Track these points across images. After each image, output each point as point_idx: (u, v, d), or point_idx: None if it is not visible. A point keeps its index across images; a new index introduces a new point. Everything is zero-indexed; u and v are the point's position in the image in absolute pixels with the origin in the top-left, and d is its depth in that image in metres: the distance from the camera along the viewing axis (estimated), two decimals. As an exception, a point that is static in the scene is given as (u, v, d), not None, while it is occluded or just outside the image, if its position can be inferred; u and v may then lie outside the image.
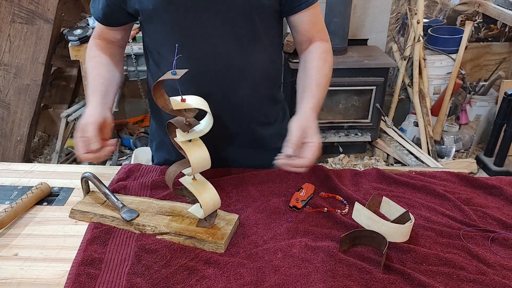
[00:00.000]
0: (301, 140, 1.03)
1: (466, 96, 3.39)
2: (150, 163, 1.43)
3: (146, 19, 1.17)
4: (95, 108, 1.12)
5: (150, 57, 1.26)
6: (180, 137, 0.98)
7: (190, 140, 0.98)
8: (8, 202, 1.14)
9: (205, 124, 1.00)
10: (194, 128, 0.97)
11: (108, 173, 1.27)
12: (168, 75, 0.91)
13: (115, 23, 1.24)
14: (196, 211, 1.06)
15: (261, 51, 1.21)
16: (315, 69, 1.19)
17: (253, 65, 1.21)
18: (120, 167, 1.29)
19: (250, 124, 1.28)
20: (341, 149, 3.21)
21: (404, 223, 1.04)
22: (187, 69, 0.92)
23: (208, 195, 1.02)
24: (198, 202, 1.05)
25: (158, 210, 1.09)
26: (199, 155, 0.98)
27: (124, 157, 2.74)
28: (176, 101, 0.94)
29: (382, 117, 3.19)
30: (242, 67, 1.19)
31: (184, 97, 0.94)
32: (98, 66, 1.24)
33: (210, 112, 0.98)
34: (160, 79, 0.91)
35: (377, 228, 1.02)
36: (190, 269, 0.93)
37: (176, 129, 0.99)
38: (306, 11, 1.19)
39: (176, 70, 0.91)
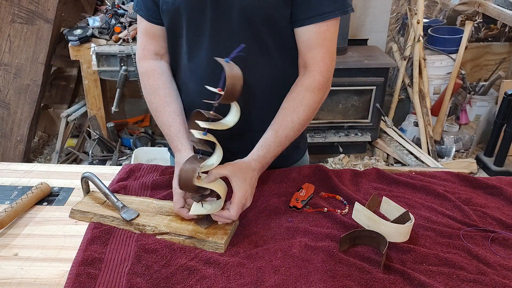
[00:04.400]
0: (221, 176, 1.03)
1: (466, 96, 3.39)
2: (150, 163, 1.42)
3: (164, 15, 1.16)
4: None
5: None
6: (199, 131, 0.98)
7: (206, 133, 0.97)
8: (8, 202, 1.13)
9: (230, 119, 1.00)
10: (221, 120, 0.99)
11: (108, 173, 1.27)
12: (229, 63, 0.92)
13: (156, 17, 1.19)
14: (197, 209, 1.05)
15: (268, 61, 1.16)
16: (282, 112, 1.13)
17: (257, 74, 1.16)
18: (120, 167, 1.29)
19: (245, 133, 1.24)
20: (341, 149, 3.21)
21: (404, 223, 1.04)
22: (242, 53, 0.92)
23: (221, 185, 1.03)
24: (201, 200, 1.05)
25: (158, 210, 1.09)
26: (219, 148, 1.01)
27: (124, 157, 2.74)
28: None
29: (382, 117, 3.19)
30: (245, 75, 1.17)
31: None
32: (168, 100, 1.19)
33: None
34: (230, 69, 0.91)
35: (377, 228, 1.02)
36: (190, 269, 0.93)
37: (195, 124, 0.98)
38: (310, 28, 1.09)
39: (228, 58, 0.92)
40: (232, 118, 1.00)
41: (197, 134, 0.97)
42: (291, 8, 1.09)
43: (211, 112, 0.95)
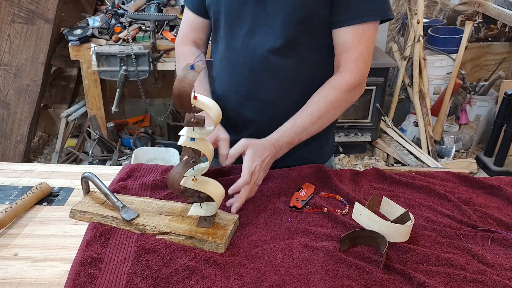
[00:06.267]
0: (240, 152, 1.10)
1: (466, 96, 3.39)
2: (150, 163, 1.43)
3: (208, 5, 1.24)
4: None
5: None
6: (185, 133, 0.97)
7: (193, 139, 0.97)
8: (8, 202, 1.13)
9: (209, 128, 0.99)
10: (206, 127, 0.98)
11: (108, 173, 1.27)
12: (186, 68, 0.92)
13: (204, 11, 1.28)
14: (196, 211, 1.05)
15: (301, 60, 1.20)
16: (305, 105, 1.19)
17: (288, 68, 1.20)
18: (120, 167, 1.29)
19: (273, 124, 1.25)
20: (341, 149, 3.21)
21: (404, 223, 1.04)
22: (204, 66, 0.95)
23: (213, 188, 1.03)
24: (199, 202, 1.05)
25: (158, 210, 1.09)
26: (209, 149, 1.01)
27: (124, 157, 2.73)
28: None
29: (382, 117, 3.19)
30: (275, 68, 1.20)
31: (196, 95, 0.94)
32: (202, 80, 1.28)
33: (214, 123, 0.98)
34: (180, 75, 0.91)
35: (377, 228, 1.02)
36: (190, 269, 0.93)
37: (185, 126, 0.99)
38: (347, 30, 1.12)
39: (194, 64, 0.92)
40: (209, 127, 1.00)
41: (183, 140, 0.98)
42: (329, 9, 1.12)
43: (192, 119, 0.96)
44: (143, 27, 2.71)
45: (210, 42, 1.38)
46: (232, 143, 1.18)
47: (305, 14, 1.12)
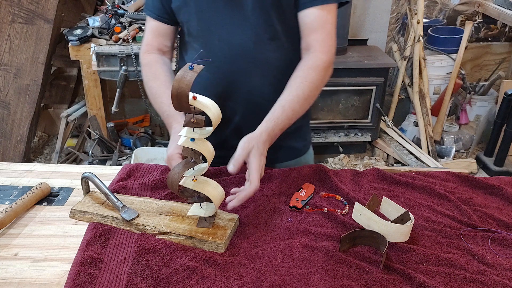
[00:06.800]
0: (245, 158, 1.07)
1: (466, 96, 3.39)
2: (150, 163, 1.42)
3: (177, 9, 1.24)
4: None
5: (181, 43, 1.36)
6: (185, 133, 0.97)
7: (193, 139, 0.97)
8: (8, 202, 1.14)
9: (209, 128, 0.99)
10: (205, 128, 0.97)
11: (108, 173, 1.27)
12: (185, 69, 0.91)
13: (167, 17, 1.28)
14: (196, 211, 1.06)
15: (277, 45, 1.23)
16: (288, 89, 1.19)
17: (267, 57, 1.23)
18: (120, 167, 1.29)
19: (257, 111, 1.25)
20: (341, 149, 3.21)
21: (404, 223, 1.04)
22: (204, 66, 0.94)
23: (212, 188, 1.03)
24: (199, 202, 1.05)
25: (158, 210, 1.09)
26: (209, 150, 1.00)
27: (124, 157, 2.73)
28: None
29: (382, 117, 3.19)
30: (256, 58, 1.22)
31: (196, 95, 0.93)
32: (168, 85, 1.24)
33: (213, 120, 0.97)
34: (178, 75, 0.90)
35: (377, 228, 1.02)
36: (190, 269, 0.93)
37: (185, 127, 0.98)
38: (312, 10, 1.17)
39: (194, 64, 0.91)
40: (209, 128, 0.99)
41: (183, 141, 0.97)
42: None
43: (192, 119, 0.95)
44: (143, 27, 2.71)
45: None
46: (222, 137, 1.18)
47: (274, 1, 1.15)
